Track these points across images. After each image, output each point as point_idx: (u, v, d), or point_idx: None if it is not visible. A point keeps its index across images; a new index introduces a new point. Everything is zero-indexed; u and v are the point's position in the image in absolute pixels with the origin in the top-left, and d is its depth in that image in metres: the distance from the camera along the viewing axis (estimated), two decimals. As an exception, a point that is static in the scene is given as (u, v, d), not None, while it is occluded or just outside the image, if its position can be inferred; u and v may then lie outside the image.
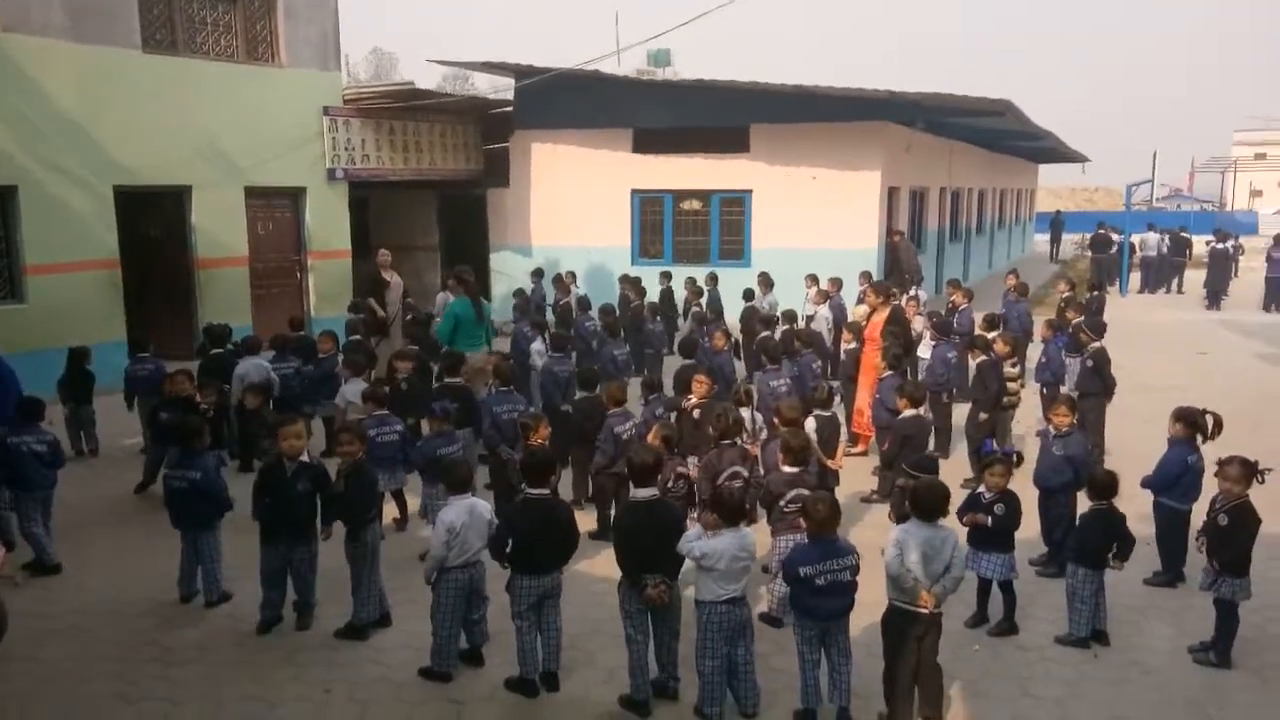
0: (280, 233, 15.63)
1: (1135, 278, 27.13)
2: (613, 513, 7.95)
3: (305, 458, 6.28)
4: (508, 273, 19.04)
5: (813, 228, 17.18)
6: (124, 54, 13.15)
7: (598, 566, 7.20)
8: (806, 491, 5.90)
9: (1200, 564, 6.49)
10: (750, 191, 17.86)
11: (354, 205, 16.88)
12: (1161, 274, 27.46)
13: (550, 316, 14.10)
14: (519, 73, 17.88)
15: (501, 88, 19.22)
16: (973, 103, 16.20)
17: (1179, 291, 26.31)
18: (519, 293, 14.59)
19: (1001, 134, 23.66)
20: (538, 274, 16.59)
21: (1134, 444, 9.79)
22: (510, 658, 5.80)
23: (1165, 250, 27.83)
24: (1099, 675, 5.90)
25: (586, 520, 7.60)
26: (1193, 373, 14.33)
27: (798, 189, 17.38)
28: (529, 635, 5.54)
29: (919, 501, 5.32)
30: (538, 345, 11.21)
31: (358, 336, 11.67)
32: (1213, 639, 6.05)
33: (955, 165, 23.94)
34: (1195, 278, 27.75)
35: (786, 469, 6.09)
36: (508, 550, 5.47)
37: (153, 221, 14.34)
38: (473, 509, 5.68)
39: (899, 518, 6.48)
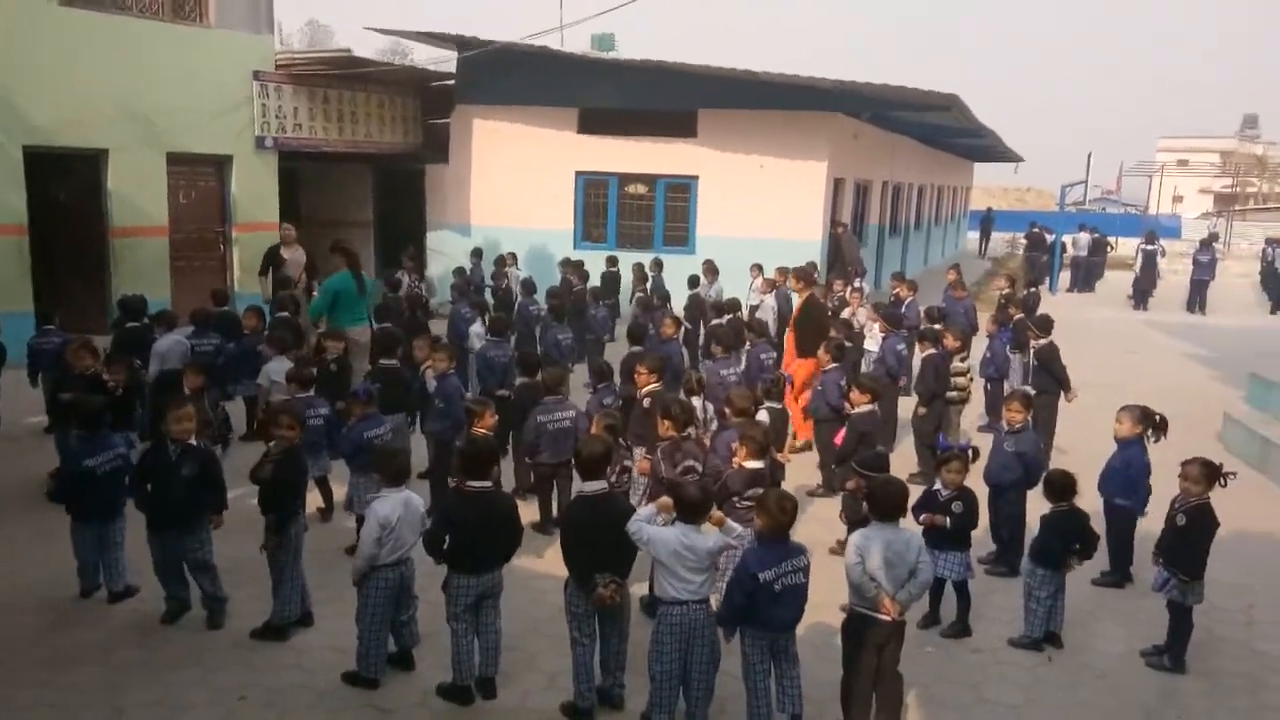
0: (203, 202, 14.83)
1: (1064, 276, 27.61)
2: (555, 503, 7.64)
3: (192, 441, 5.85)
4: (445, 252, 18.44)
5: (758, 216, 16.95)
6: (38, 5, 12.27)
7: (539, 561, 6.86)
8: (761, 489, 5.61)
9: (1148, 564, 6.43)
10: (696, 178, 17.55)
11: (284, 177, 16.12)
12: (1090, 273, 28.04)
13: (490, 298, 13.66)
14: (462, 44, 17.27)
15: (440, 60, 18.56)
16: (921, 96, 16.11)
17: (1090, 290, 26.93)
18: (459, 272, 14.07)
19: (944, 130, 23.73)
20: (477, 254, 16.08)
21: (1077, 441, 9.79)
22: (443, 661, 5.42)
23: (1094, 251, 28.44)
24: (1053, 679, 5.75)
25: (528, 511, 7.22)
26: (1124, 371, 14.50)
27: (744, 176, 17.12)
28: (465, 638, 5.16)
29: (878, 502, 5.06)
30: (477, 328, 10.77)
31: (285, 313, 11.07)
32: (1165, 643, 5.95)
33: (898, 160, 23.99)
34: (1113, 278, 28.47)
35: (748, 464, 5.79)
36: (445, 547, 5.09)
37: (65, 186, 13.44)
38: (407, 502, 5.28)
39: (852, 521, 6.23)
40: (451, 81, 18.29)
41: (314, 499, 7.49)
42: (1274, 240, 29.27)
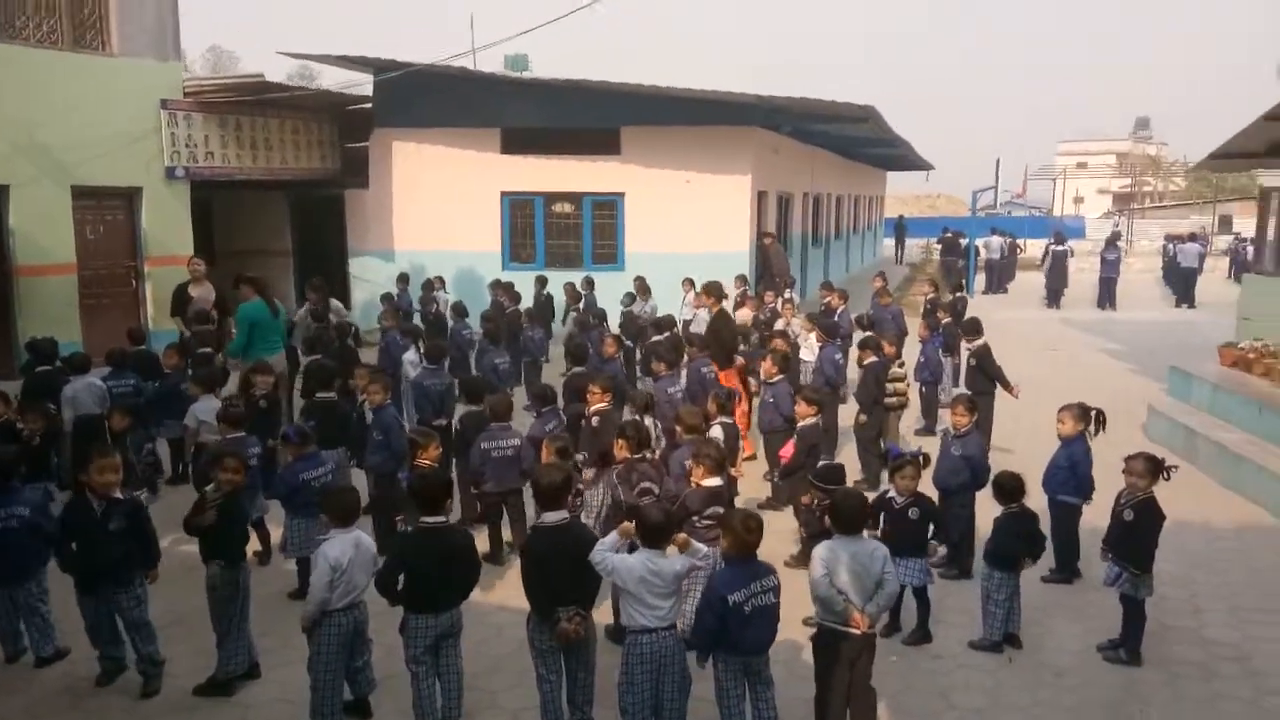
0: (113, 237, 14.22)
1: (979, 279, 28.41)
2: (505, 533, 7.46)
3: (117, 494, 5.47)
4: (368, 279, 18.06)
5: (685, 231, 17.00)
6: (-74, 36, 11.64)
7: (493, 594, 6.66)
8: (720, 509, 5.55)
9: (1095, 560, 6.55)
10: (622, 195, 17.54)
11: (197, 207, 15.58)
12: (1003, 275, 28.94)
13: (420, 323, 13.36)
14: (378, 67, 16.97)
15: (352, 84, 18.16)
16: (839, 108, 16.43)
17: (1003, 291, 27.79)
18: (387, 298, 13.74)
19: (858, 141, 24.24)
20: (403, 279, 15.75)
21: (1014, 441, 9.99)
22: (400, 706, 5.22)
23: (1005, 253, 29.39)
24: (1016, 681, 5.79)
25: (477, 543, 7.02)
26: (1048, 369, 14.89)
27: (670, 192, 17.18)
28: (426, 681, 4.95)
29: (840, 515, 5.02)
30: (410, 355, 10.50)
31: (207, 349, 10.67)
32: (1120, 636, 6.05)
33: (817, 172, 24.39)
34: (1023, 278, 29.43)
35: (706, 482, 5.70)
36: (399, 587, 4.88)
37: (-39, 224, 12.74)
38: (358, 542, 5.04)
39: (811, 535, 6.20)
40: (369, 105, 17.96)
41: (250, 543, 7.14)
42: (1173, 236, 30.68)
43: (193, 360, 10.08)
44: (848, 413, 10.10)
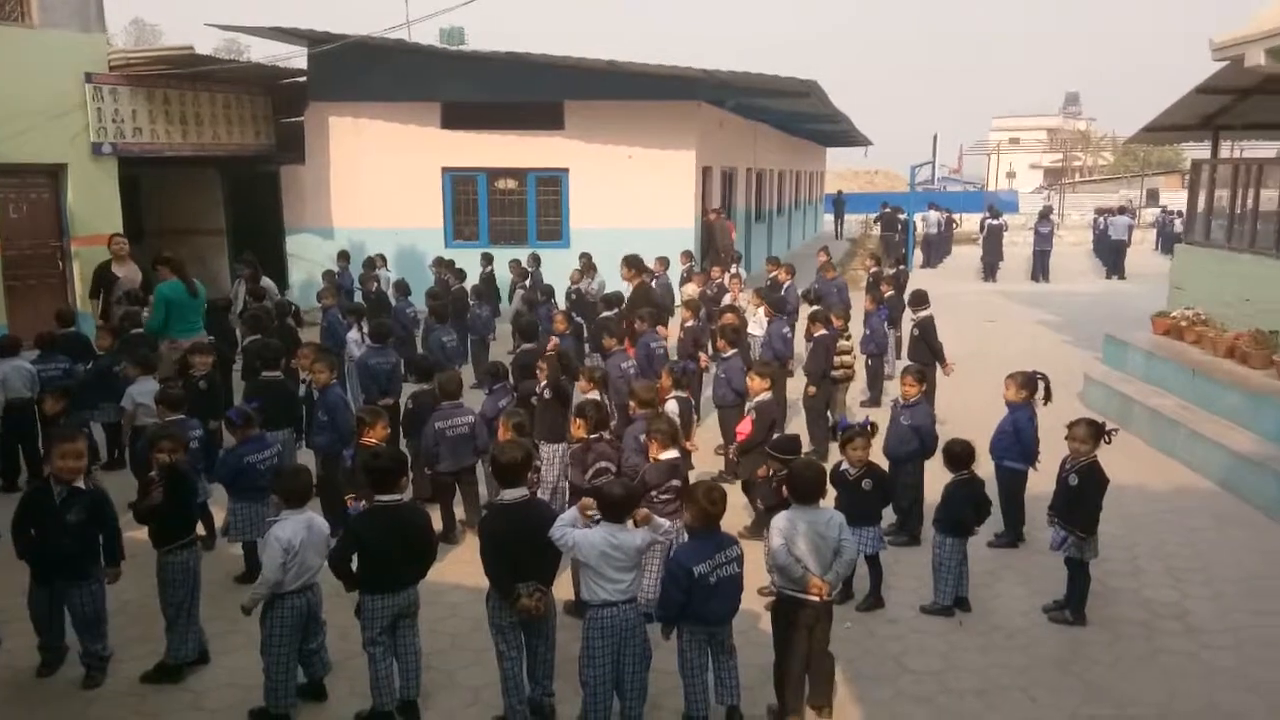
0: (37, 216, 13.65)
1: (917, 254, 28.83)
2: (458, 510, 7.39)
3: (80, 483, 5.23)
4: (306, 257, 17.66)
5: (630, 207, 16.94)
6: None
7: (448, 572, 6.58)
8: (678, 481, 5.55)
9: (1041, 524, 6.70)
10: (566, 170, 17.38)
11: (126, 184, 15.02)
12: (941, 250, 29.41)
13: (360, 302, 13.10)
14: (312, 39, 16.50)
15: (283, 56, 17.63)
16: (781, 83, 16.44)
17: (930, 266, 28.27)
18: (328, 275, 13.44)
19: (800, 117, 24.38)
20: (343, 257, 15.42)
21: (956, 411, 10.16)
22: (357, 688, 5.15)
23: (942, 228, 29.87)
24: (968, 643, 5.92)
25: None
26: (988, 340, 15.22)
27: (614, 168, 17.07)
28: (384, 662, 4.88)
29: (798, 485, 5.07)
30: (354, 335, 10.30)
31: (140, 330, 10.31)
32: (1065, 597, 6.22)
33: (759, 147, 24.45)
34: (959, 252, 29.96)
35: (663, 456, 5.69)
36: (354, 568, 4.79)
37: (-128, 203, 12.14)
38: (310, 524, 4.94)
39: (769, 507, 6.23)
40: (303, 79, 17.49)
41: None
42: (1103, 210, 31.42)
43: (126, 341, 9.74)
44: (795, 386, 10.18)
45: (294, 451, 7.70)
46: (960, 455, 6.34)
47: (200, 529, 7.12)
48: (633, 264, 11.04)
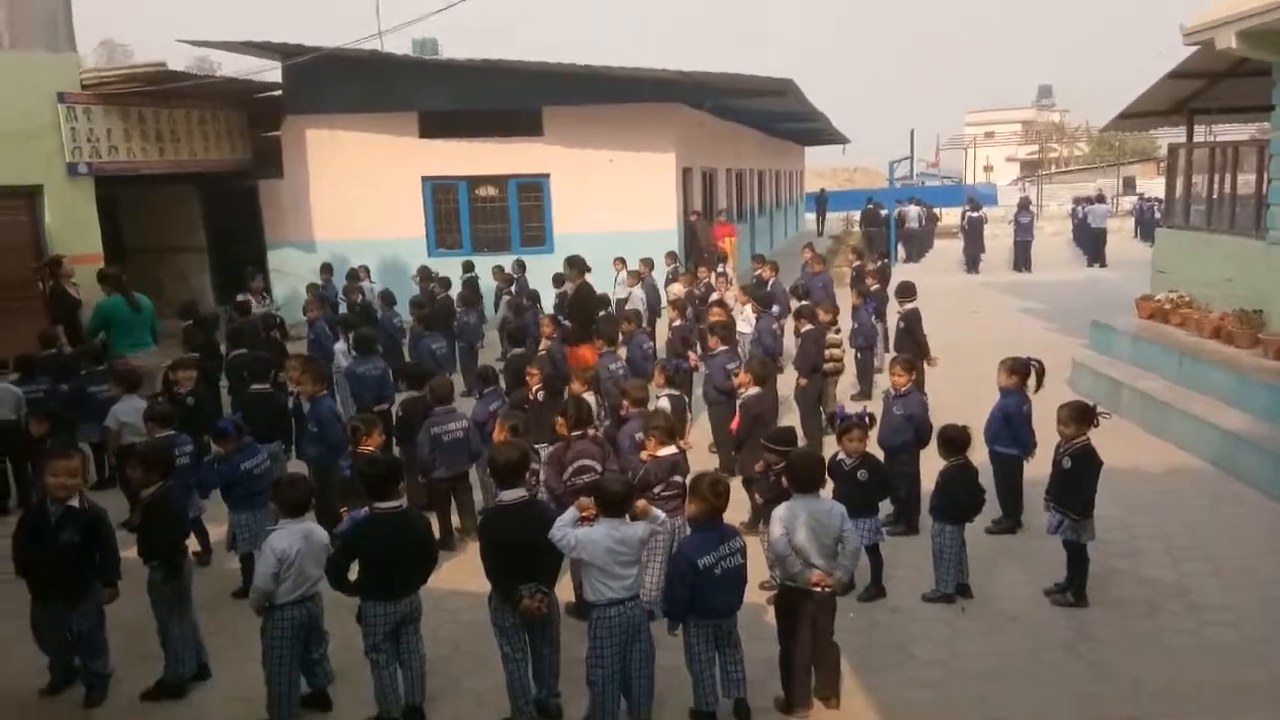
0: (15, 238, 13.48)
1: (900, 249, 28.94)
2: (454, 518, 7.34)
3: (75, 502, 5.15)
4: (288, 271, 17.54)
5: (613, 210, 16.92)
6: None
7: (446, 579, 6.51)
8: (680, 478, 5.54)
9: (1039, 510, 6.72)
10: (548, 176, 17.36)
11: (103, 204, 14.89)
12: (923, 244, 29.56)
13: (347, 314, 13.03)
14: (285, 52, 16.43)
15: (256, 70, 17.50)
16: (759, 83, 16.48)
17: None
18: (312, 288, 13.35)
19: (777, 116, 24.44)
20: (326, 270, 15.33)
21: (947, 400, 10.16)
22: (360, 696, 5.10)
23: (924, 222, 30.04)
24: (972, 629, 5.92)
25: (426, 530, 6.89)
26: (973, 330, 15.27)
27: (595, 172, 17.06)
28: (388, 669, 4.84)
29: (798, 475, 5.07)
30: (341, 345, 10.24)
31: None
32: (1066, 580, 6.23)
33: (739, 147, 24.52)
34: (941, 246, 30.10)
35: (661, 452, 5.67)
36: (351, 577, 4.74)
37: None
38: (308, 534, 4.89)
39: (768, 500, 6.23)
40: (278, 92, 17.40)
41: (189, 543, 6.89)
42: (1081, 199, 31.65)
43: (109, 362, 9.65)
44: (786, 382, 10.17)
45: (284, 464, 7.62)
46: (955, 440, 6.35)
47: (196, 544, 7.15)
48: (574, 264, 11.11)
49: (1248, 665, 5.37)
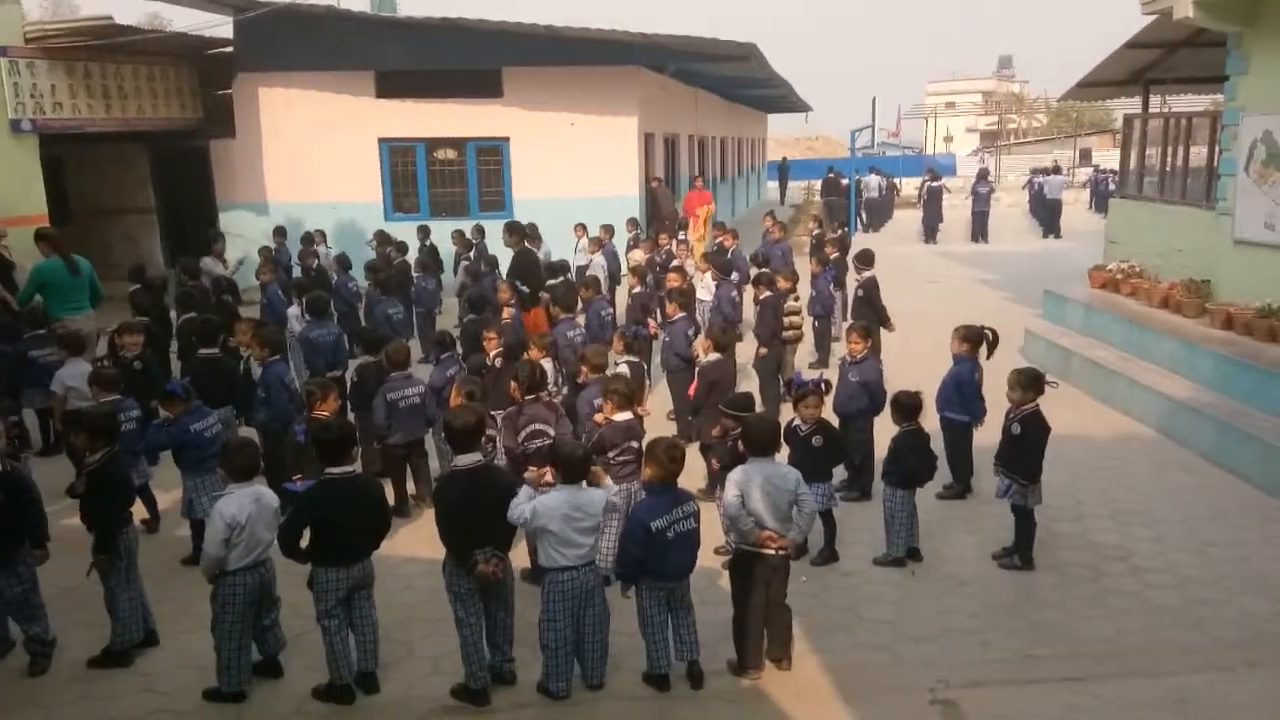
0: (-46, 197, 13.08)
1: (860, 217, 29.02)
2: (410, 484, 7.29)
3: None
4: (241, 234, 17.16)
5: (574, 175, 16.74)
6: None
7: (401, 546, 6.49)
8: (636, 443, 5.54)
9: (988, 476, 6.82)
10: (507, 139, 17.11)
11: (48, 163, 14.45)
12: (883, 213, 29.70)
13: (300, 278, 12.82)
14: (237, 7, 15.95)
15: (204, 25, 16.98)
16: (721, 46, 16.34)
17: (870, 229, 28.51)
18: (264, 251, 13.09)
19: (740, 82, 24.30)
20: (280, 233, 15.03)
21: (902, 368, 10.27)
22: (312, 663, 5.08)
23: (884, 191, 30.17)
24: (922, 591, 6.02)
25: (381, 496, 6.84)
26: (930, 300, 15.41)
27: (556, 136, 16.83)
28: (339, 635, 4.81)
29: (754, 439, 5.10)
30: (294, 310, 10.07)
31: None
32: (1013, 544, 6.35)
33: (701, 114, 24.35)
34: (900, 215, 30.27)
35: (618, 417, 5.67)
36: (303, 543, 4.69)
37: None
38: (259, 498, 4.83)
39: (724, 465, 6.26)
40: (230, 49, 16.93)
41: (138, 510, 6.78)
42: (1038, 170, 31.95)
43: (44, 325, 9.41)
44: (745, 350, 10.20)
45: (235, 429, 7.51)
46: (907, 406, 6.42)
47: (145, 511, 7.04)
48: (512, 230, 11.08)
49: (1187, 626, 5.52)
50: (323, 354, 8.57)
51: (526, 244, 11.60)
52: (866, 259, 10.53)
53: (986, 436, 7.23)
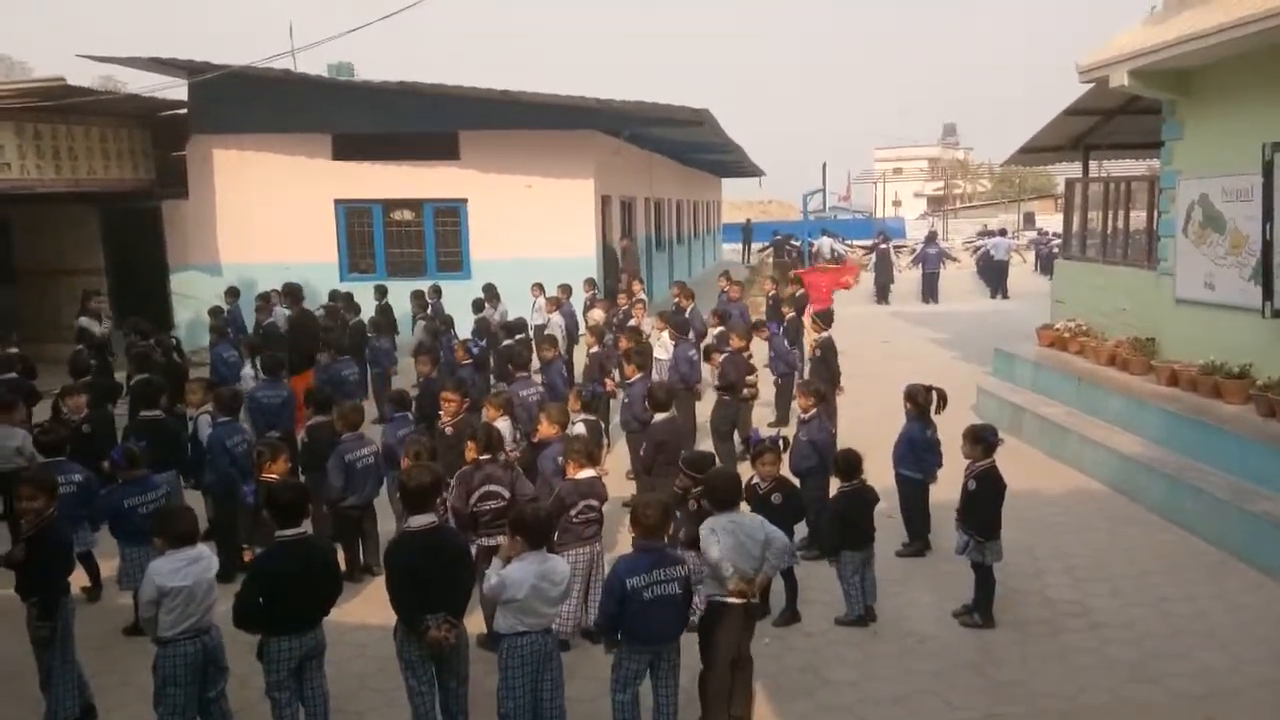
0: (-105, 257, 12.77)
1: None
2: (361, 550, 7.12)
3: None
4: (193, 295, 16.94)
5: (531, 237, 16.81)
6: None
7: (352, 612, 6.31)
8: (596, 501, 5.47)
9: (946, 533, 6.84)
10: (465, 201, 17.18)
11: (-6, 223, 14.22)
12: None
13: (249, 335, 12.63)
14: (190, 70, 15.94)
15: (158, 87, 16.92)
16: (675, 112, 16.65)
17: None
18: (215, 311, 12.90)
19: (695, 147, 24.74)
20: (233, 294, 14.84)
21: (858, 426, 10.35)
22: (260, 736, 4.86)
23: (837, 253, 30.72)
24: (882, 651, 5.98)
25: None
26: (884, 359, 15.62)
27: (513, 197, 16.95)
28: (290, 708, 4.63)
29: (716, 492, 5.09)
30: (248, 370, 9.90)
31: (13, 374, 9.71)
32: (974, 601, 6.34)
33: (656, 177, 24.70)
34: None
35: (580, 475, 5.60)
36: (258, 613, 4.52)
37: None
38: (196, 559, 4.64)
39: (691, 538, 6.22)
40: (184, 111, 16.88)
41: (79, 578, 6.53)
42: (984, 233, 32.84)
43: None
44: (703, 409, 10.20)
45: (180, 493, 7.30)
46: (848, 464, 6.45)
47: (86, 579, 6.77)
48: (289, 292, 11.11)
49: (1146, 681, 5.53)
50: (266, 415, 8.43)
51: (304, 306, 11.59)
52: (827, 318, 10.65)
53: (948, 493, 7.26)
